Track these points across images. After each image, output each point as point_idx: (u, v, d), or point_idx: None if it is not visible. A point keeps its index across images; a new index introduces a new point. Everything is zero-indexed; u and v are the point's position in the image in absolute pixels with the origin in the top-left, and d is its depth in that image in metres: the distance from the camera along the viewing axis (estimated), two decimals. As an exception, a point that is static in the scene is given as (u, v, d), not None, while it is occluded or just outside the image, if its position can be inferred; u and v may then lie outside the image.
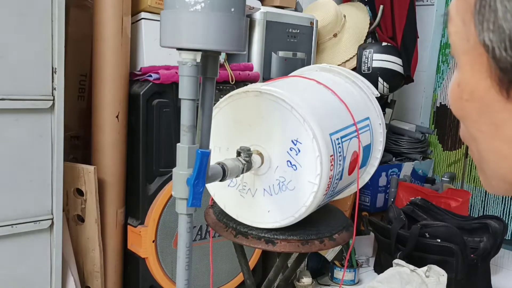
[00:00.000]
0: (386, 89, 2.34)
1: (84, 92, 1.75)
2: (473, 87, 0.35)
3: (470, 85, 0.35)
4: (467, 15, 0.34)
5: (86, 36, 1.65)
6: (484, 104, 0.34)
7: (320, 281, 2.21)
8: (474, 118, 0.36)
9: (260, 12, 1.87)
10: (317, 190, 1.02)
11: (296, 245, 1.12)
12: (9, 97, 1.29)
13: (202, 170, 0.74)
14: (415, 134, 2.90)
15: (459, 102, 0.36)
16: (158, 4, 1.62)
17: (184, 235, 0.78)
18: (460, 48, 0.35)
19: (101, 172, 1.58)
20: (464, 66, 0.35)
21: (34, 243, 1.41)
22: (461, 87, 0.36)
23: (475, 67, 0.34)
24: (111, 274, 1.67)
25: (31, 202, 1.39)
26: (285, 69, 1.94)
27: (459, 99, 0.36)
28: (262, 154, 1.06)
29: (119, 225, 1.66)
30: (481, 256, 2.04)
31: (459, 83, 0.36)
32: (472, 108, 0.35)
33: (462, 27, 0.35)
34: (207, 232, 1.76)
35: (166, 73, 1.57)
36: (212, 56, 0.80)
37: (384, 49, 2.31)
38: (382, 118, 1.27)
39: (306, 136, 1.01)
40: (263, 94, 1.04)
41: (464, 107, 0.36)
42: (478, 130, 0.36)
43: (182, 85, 0.76)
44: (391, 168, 2.66)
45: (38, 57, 1.33)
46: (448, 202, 2.45)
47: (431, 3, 2.97)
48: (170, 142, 1.63)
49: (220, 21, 0.73)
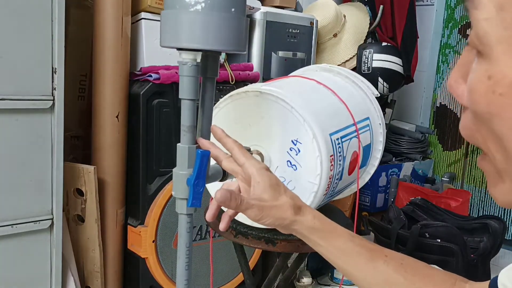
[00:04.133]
0: (386, 89, 2.33)
1: (84, 92, 1.75)
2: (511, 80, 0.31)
3: (509, 76, 0.31)
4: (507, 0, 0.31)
5: (86, 36, 1.65)
6: None
7: (320, 281, 2.21)
8: (508, 114, 0.32)
9: (260, 12, 1.87)
10: (317, 190, 1.02)
11: (296, 245, 1.12)
12: (9, 97, 1.29)
13: (202, 170, 0.74)
14: (415, 134, 2.90)
15: (490, 96, 0.33)
16: (158, 4, 1.62)
17: (184, 235, 0.78)
18: (494, 36, 0.32)
19: (101, 172, 1.58)
20: (500, 56, 0.32)
21: (34, 243, 1.41)
22: (494, 79, 0.32)
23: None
24: (111, 274, 1.67)
25: (31, 202, 1.39)
26: (285, 69, 1.94)
27: (490, 93, 0.33)
28: (262, 154, 1.06)
29: (119, 225, 1.66)
30: (481, 256, 2.04)
31: (491, 75, 0.32)
32: (507, 103, 0.32)
33: (497, 13, 0.31)
34: (207, 232, 1.76)
35: (166, 73, 1.57)
36: (212, 56, 0.80)
37: (384, 49, 2.31)
38: (382, 118, 1.27)
39: (306, 136, 1.01)
40: (263, 94, 1.04)
41: (495, 102, 0.32)
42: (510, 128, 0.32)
43: (182, 85, 0.76)
44: (391, 168, 2.66)
45: (38, 57, 1.33)
46: (448, 202, 2.45)
47: (431, 3, 2.97)
48: (170, 142, 1.63)
49: (220, 21, 0.73)
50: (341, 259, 0.68)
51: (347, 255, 0.68)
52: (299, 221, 0.68)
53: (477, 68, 0.34)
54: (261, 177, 0.69)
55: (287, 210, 0.68)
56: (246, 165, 0.70)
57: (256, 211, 0.67)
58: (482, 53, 0.33)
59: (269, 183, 0.68)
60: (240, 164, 0.71)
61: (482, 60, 0.33)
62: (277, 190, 0.69)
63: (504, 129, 0.33)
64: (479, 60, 0.34)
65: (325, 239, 0.68)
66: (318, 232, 0.68)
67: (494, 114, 0.33)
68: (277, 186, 0.69)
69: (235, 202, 0.66)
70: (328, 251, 0.69)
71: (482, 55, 0.33)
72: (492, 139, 0.34)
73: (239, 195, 0.67)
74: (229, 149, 0.74)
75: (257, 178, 0.69)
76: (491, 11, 0.32)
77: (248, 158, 0.71)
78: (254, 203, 0.67)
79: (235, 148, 0.73)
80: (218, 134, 0.76)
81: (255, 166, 0.70)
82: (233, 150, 0.73)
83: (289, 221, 0.68)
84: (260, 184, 0.68)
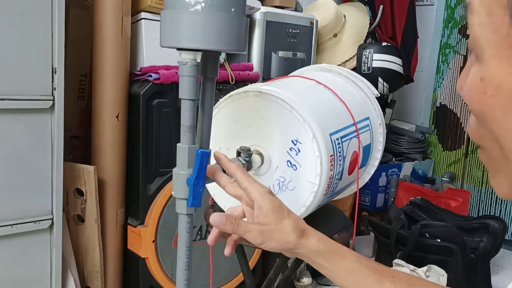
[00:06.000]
0: (386, 89, 2.34)
1: (84, 92, 1.75)
2: (500, 81, 0.33)
3: (497, 79, 0.33)
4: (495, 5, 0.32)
5: (86, 36, 1.65)
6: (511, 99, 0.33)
7: (320, 281, 2.21)
8: (498, 114, 0.34)
9: (260, 12, 1.87)
10: (317, 190, 1.02)
11: (296, 245, 1.12)
12: (9, 97, 1.29)
13: (202, 170, 0.74)
14: (415, 134, 2.90)
15: (482, 97, 0.34)
16: (158, 4, 1.62)
17: (184, 235, 0.78)
18: (485, 40, 0.33)
19: (101, 172, 1.58)
20: (490, 59, 0.33)
21: (34, 243, 1.41)
22: (486, 81, 0.34)
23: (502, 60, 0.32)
24: (111, 274, 1.67)
25: (31, 202, 1.39)
26: (285, 69, 1.94)
27: (482, 94, 0.34)
28: (262, 154, 1.06)
29: (119, 225, 1.66)
30: (481, 256, 2.04)
31: (483, 77, 0.34)
32: (497, 104, 0.34)
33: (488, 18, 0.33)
34: (207, 232, 1.76)
35: (166, 73, 1.57)
36: (212, 56, 0.80)
37: (384, 49, 2.31)
38: (382, 118, 1.27)
39: (306, 136, 1.01)
40: (263, 94, 1.04)
41: (487, 102, 0.34)
42: (501, 127, 0.34)
43: (182, 85, 0.76)
44: (391, 168, 2.66)
45: (38, 57, 1.33)
46: (448, 202, 2.45)
47: (431, 3, 2.97)
48: (170, 142, 1.63)
49: (220, 21, 0.73)
50: (348, 281, 0.67)
51: (354, 276, 0.66)
52: (303, 245, 0.67)
53: (473, 71, 0.36)
54: (263, 201, 0.68)
55: (290, 234, 0.67)
56: (249, 189, 0.70)
57: (256, 234, 0.66)
58: (477, 56, 0.35)
59: (272, 206, 0.68)
60: (243, 188, 0.71)
61: (477, 63, 0.35)
62: (280, 213, 0.68)
63: (496, 128, 0.35)
64: (476, 63, 0.36)
65: (330, 261, 0.67)
66: (324, 254, 0.67)
67: (487, 114, 0.35)
68: (280, 209, 0.69)
69: (231, 226, 0.65)
70: (334, 273, 0.67)
71: (477, 58, 0.35)
72: (489, 137, 0.36)
73: (237, 218, 0.66)
74: (232, 174, 0.73)
75: (260, 202, 0.68)
76: (483, 16, 0.33)
77: (251, 182, 0.71)
78: (253, 227, 0.66)
79: (238, 172, 0.72)
80: (221, 159, 0.76)
81: (258, 190, 0.69)
82: (236, 174, 0.73)
83: (293, 245, 0.67)
84: (263, 208, 0.68)
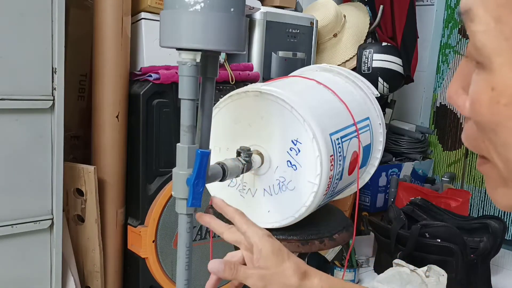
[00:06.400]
0: (386, 89, 2.33)
1: (84, 92, 1.75)
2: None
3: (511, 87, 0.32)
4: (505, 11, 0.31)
5: (86, 36, 1.65)
6: None
7: None
8: None
9: (260, 12, 1.87)
10: (317, 190, 1.02)
11: (296, 245, 1.12)
12: (9, 97, 1.29)
13: (202, 170, 0.74)
14: (415, 134, 2.90)
15: (495, 107, 0.33)
16: (158, 4, 1.62)
17: (184, 235, 0.78)
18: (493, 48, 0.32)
19: (101, 172, 1.58)
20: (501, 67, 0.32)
21: (34, 243, 1.41)
22: (498, 90, 0.32)
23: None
24: (111, 274, 1.67)
25: (31, 202, 1.39)
26: (285, 69, 1.94)
27: (494, 104, 0.33)
28: (262, 154, 1.06)
29: (119, 225, 1.66)
30: (481, 256, 2.04)
31: (494, 86, 0.33)
32: None
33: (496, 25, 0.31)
34: (207, 232, 1.76)
35: (166, 73, 1.57)
36: (212, 56, 0.80)
37: (384, 49, 2.31)
38: (382, 118, 1.27)
39: (306, 136, 1.01)
40: (263, 94, 1.04)
41: (501, 112, 0.32)
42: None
43: (182, 85, 0.76)
44: (391, 168, 2.66)
45: (38, 57, 1.33)
46: (448, 202, 2.45)
47: (431, 3, 2.97)
48: (170, 142, 1.63)
49: (219, 21, 0.73)
50: None
51: None
52: (306, 287, 0.66)
53: (478, 79, 0.34)
54: (263, 244, 0.67)
55: (292, 276, 0.65)
56: (248, 233, 0.69)
57: (256, 280, 0.64)
58: (482, 65, 0.33)
59: (272, 249, 0.66)
60: (242, 232, 0.70)
61: (483, 71, 0.34)
62: (280, 256, 0.67)
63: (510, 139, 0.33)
64: (479, 71, 0.34)
65: None
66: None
67: (499, 124, 0.33)
68: (280, 252, 0.67)
69: (230, 272, 0.64)
70: None
71: (482, 66, 0.34)
72: (495, 149, 0.34)
73: (236, 264, 0.65)
74: (230, 218, 0.72)
75: (259, 245, 0.67)
76: (489, 23, 0.32)
77: (249, 226, 0.70)
78: (253, 272, 0.65)
79: (236, 216, 0.71)
80: (218, 204, 0.75)
81: (257, 233, 0.68)
82: (234, 219, 0.72)
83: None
84: (262, 251, 0.66)
